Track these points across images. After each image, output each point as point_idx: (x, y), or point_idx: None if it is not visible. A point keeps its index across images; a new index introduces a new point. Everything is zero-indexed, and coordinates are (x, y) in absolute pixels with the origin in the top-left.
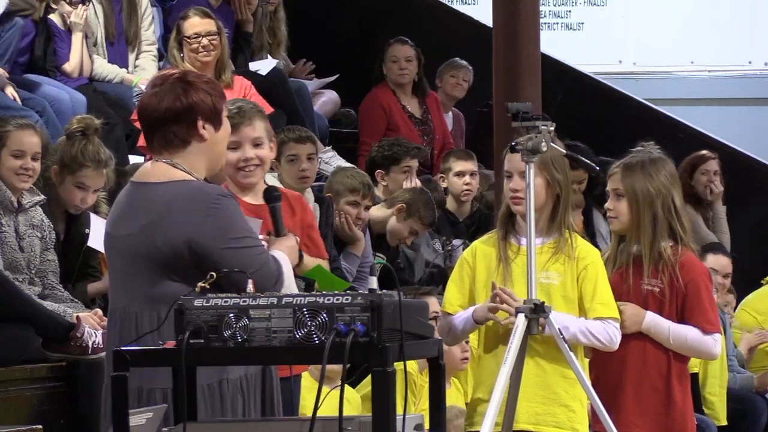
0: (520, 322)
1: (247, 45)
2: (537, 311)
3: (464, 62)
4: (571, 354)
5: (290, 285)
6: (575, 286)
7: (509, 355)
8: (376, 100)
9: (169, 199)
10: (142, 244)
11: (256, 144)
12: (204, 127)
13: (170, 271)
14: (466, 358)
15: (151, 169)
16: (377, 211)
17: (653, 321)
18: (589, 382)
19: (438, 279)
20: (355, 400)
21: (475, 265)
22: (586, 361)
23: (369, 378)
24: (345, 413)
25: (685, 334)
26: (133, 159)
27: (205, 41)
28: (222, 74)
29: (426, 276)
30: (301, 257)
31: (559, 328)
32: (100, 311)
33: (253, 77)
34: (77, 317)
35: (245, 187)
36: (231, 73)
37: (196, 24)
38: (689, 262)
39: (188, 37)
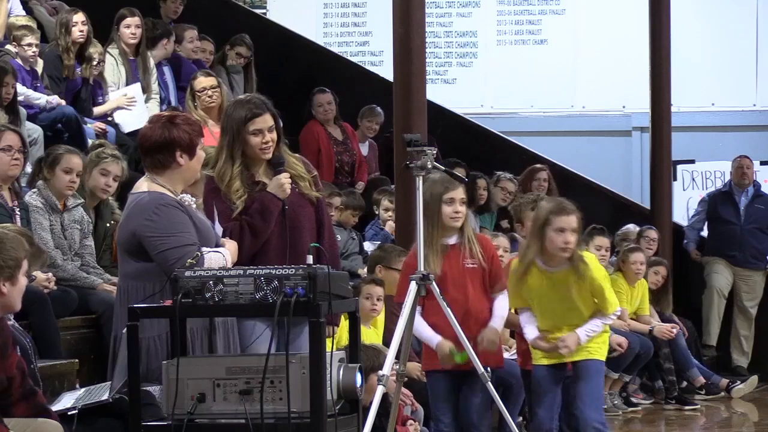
0: (413, 287)
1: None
2: (424, 279)
3: (380, 110)
4: None
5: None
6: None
7: (405, 310)
8: (309, 130)
9: (134, 204)
10: (118, 235)
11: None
12: (181, 156)
13: (129, 253)
14: (374, 309)
15: (138, 183)
16: None
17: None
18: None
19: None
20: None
21: None
22: None
23: None
24: None
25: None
26: None
27: (209, 92)
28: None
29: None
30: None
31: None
32: None
33: None
34: None
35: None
36: None
37: (202, 81)
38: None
39: (198, 92)
